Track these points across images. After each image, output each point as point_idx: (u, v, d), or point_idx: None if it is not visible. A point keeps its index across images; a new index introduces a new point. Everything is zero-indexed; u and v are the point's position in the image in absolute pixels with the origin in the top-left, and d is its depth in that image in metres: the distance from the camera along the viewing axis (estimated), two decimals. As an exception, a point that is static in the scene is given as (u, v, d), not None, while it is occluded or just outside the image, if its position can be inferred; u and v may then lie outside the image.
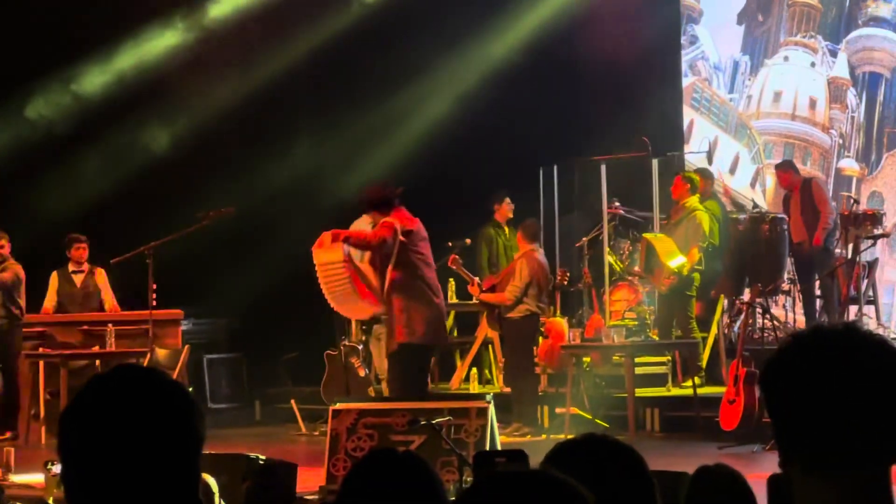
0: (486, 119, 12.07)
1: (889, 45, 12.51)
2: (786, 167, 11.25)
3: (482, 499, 1.51)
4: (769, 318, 9.86)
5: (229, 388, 11.76)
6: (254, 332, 11.89)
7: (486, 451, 6.18)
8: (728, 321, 10.91)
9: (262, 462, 5.79)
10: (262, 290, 11.64)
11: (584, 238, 11.12)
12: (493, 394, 7.28)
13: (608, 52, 11.65)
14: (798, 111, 12.95)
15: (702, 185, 10.45)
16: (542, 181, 11.75)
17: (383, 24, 12.31)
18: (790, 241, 10.71)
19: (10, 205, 11.35)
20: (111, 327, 10.01)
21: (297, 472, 6.03)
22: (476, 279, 10.33)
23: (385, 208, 8.01)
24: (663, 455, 7.35)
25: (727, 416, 8.70)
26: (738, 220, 10.87)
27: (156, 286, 9.68)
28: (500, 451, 6.19)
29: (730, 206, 11.96)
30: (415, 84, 12.41)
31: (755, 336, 9.99)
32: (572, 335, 9.72)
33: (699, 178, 10.47)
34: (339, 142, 12.63)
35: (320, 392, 10.31)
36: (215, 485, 4.54)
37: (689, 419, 9.31)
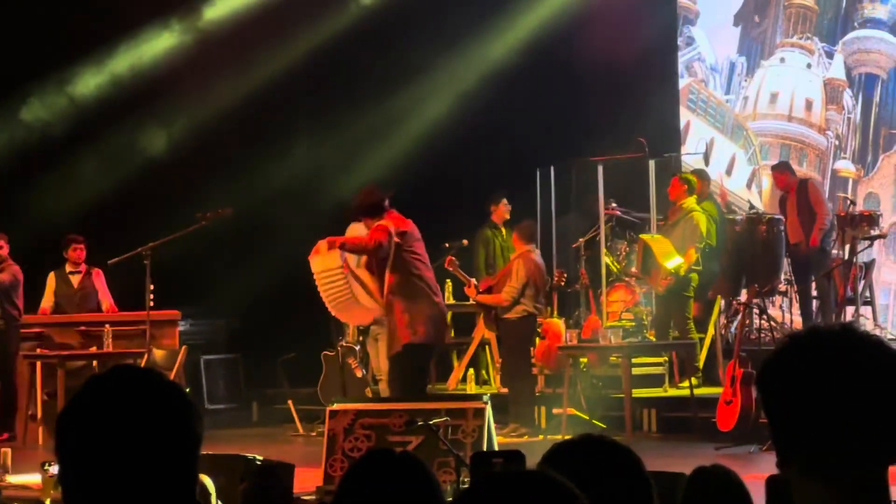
0: (484, 120, 12.07)
1: (885, 46, 12.51)
2: (782, 168, 11.26)
3: (480, 500, 1.51)
4: (766, 318, 9.87)
5: (226, 388, 11.75)
6: (251, 333, 11.89)
7: (484, 451, 6.19)
8: (725, 322, 10.92)
9: (259, 463, 5.79)
10: (260, 291, 11.64)
11: (580, 239, 11.12)
12: (490, 394, 7.29)
13: (605, 54, 11.65)
14: (794, 112, 12.95)
15: (699, 186, 10.46)
16: (539, 182, 11.75)
17: (381, 25, 12.31)
18: (787, 242, 10.72)
19: (8, 206, 11.34)
20: (108, 328, 10.00)
21: (294, 472, 6.03)
22: (473, 280, 10.33)
23: (376, 212, 8.05)
24: (660, 456, 7.36)
25: (724, 417, 8.71)
26: (735, 221, 10.87)
27: (153, 287, 9.68)
28: (497, 451, 6.20)
29: (725, 208, 11.96)
30: (412, 85, 12.42)
31: (752, 337, 10.00)
32: (569, 336, 9.72)
33: (696, 180, 10.47)
34: (336, 142, 12.63)
35: (317, 393, 10.32)
36: (212, 486, 4.54)
37: (686, 420, 9.31)
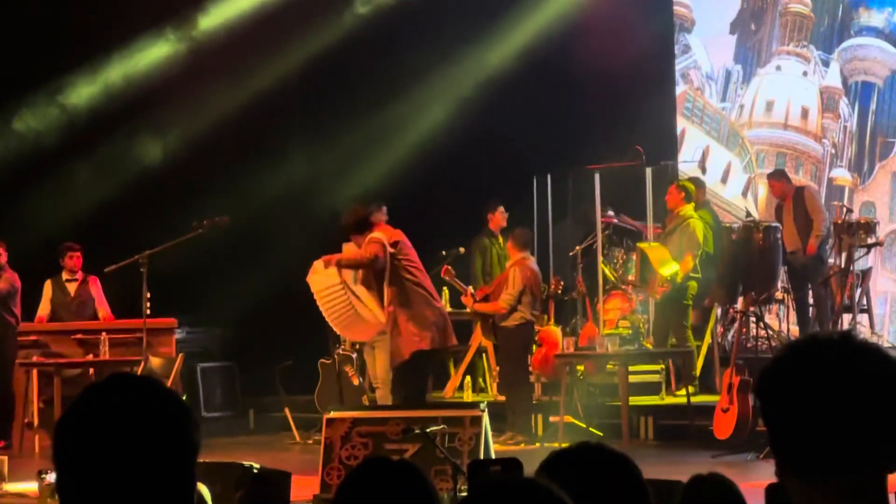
0: (480, 128, 12.07)
1: (881, 54, 12.53)
2: (778, 176, 11.27)
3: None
4: (763, 326, 9.87)
5: (223, 396, 11.73)
6: (247, 341, 11.87)
7: (482, 459, 6.18)
8: (722, 330, 10.92)
9: (255, 471, 5.78)
10: (256, 299, 11.62)
11: (577, 247, 11.13)
12: (487, 402, 7.29)
13: (602, 61, 11.66)
14: (790, 120, 12.96)
15: (696, 193, 10.47)
16: (536, 190, 11.76)
17: (377, 33, 12.32)
18: (783, 250, 10.72)
19: (5, 215, 11.33)
20: (105, 336, 9.99)
21: (290, 480, 6.03)
22: (469, 289, 10.33)
23: (364, 228, 8.16)
24: (657, 463, 7.35)
25: (721, 425, 8.70)
26: (731, 229, 10.88)
27: (150, 295, 9.67)
28: (494, 459, 6.19)
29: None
30: (408, 93, 12.42)
31: (749, 345, 10.00)
32: (566, 344, 9.72)
33: (693, 187, 10.48)
34: (332, 151, 12.63)
35: (314, 400, 10.31)
36: (208, 494, 4.52)
37: (683, 428, 9.31)
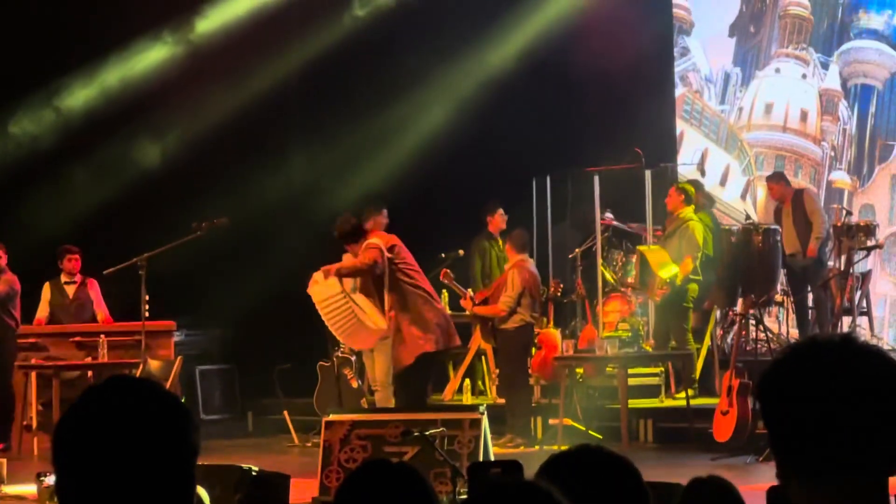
0: (480, 130, 12.07)
1: (881, 57, 12.52)
2: (777, 179, 11.25)
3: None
4: (762, 329, 9.87)
5: (222, 399, 11.73)
6: (246, 344, 11.86)
7: (482, 461, 6.18)
8: (721, 332, 10.91)
9: (254, 473, 5.78)
10: (255, 302, 11.62)
11: (577, 249, 11.12)
12: (486, 405, 7.28)
13: (602, 63, 11.66)
14: (789, 123, 12.95)
15: (695, 196, 10.46)
16: (535, 192, 11.76)
17: (376, 36, 12.32)
18: (783, 253, 10.72)
19: (4, 217, 11.32)
20: (104, 338, 9.98)
21: (289, 483, 6.02)
22: (469, 292, 10.32)
23: (357, 236, 8.22)
24: (656, 466, 7.35)
25: (720, 428, 8.70)
26: (731, 232, 10.87)
27: (148, 297, 9.67)
28: (495, 461, 6.19)
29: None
30: (408, 96, 12.41)
31: (748, 347, 9.99)
32: (565, 346, 9.72)
33: (693, 190, 10.48)
34: (332, 154, 12.63)
35: (313, 403, 10.29)
36: (207, 497, 4.52)
37: (683, 430, 9.30)
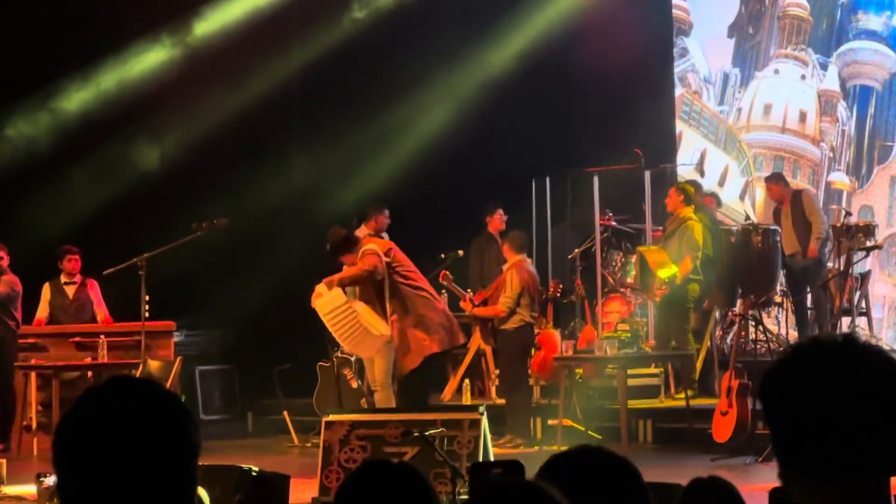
0: (479, 131, 12.08)
1: (880, 57, 12.52)
2: (776, 179, 11.25)
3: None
4: (762, 330, 9.87)
5: (221, 399, 11.72)
6: (246, 344, 11.87)
7: (484, 462, 6.18)
8: (721, 333, 10.91)
9: (254, 474, 5.78)
10: (255, 302, 11.62)
11: (576, 250, 11.12)
12: (486, 405, 7.28)
13: (601, 65, 11.67)
14: (788, 124, 12.95)
15: (694, 196, 10.46)
16: (535, 193, 11.76)
17: (375, 38, 12.32)
18: (782, 253, 10.72)
19: (4, 218, 11.32)
20: (103, 339, 9.98)
21: (289, 483, 6.02)
22: (468, 294, 10.31)
23: (351, 246, 8.28)
24: (656, 467, 7.35)
25: (720, 428, 8.70)
26: (730, 232, 10.87)
27: (148, 298, 9.67)
28: (496, 461, 6.19)
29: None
30: (408, 97, 12.42)
31: (748, 348, 9.99)
32: (565, 347, 9.72)
33: (693, 190, 10.48)
34: (331, 155, 12.63)
35: (313, 403, 10.29)
36: (207, 497, 4.52)
37: (682, 431, 9.30)
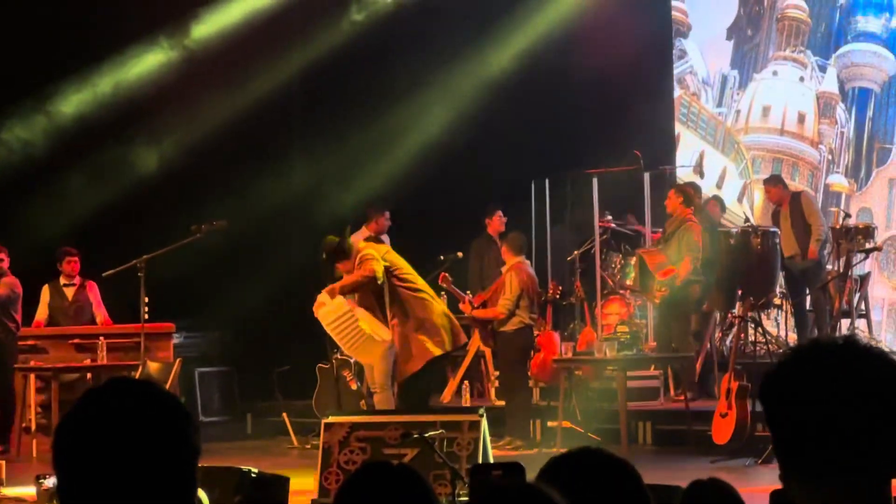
0: (479, 132, 12.08)
1: (879, 60, 12.53)
2: (774, 181, 11.25)
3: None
4: (761, 332, 9.87)
5: (221, 401, 11.72)
6: (245, 346, 11.87)
7: (484, 463, 6.18)
8: (720, 335, 10.90)
9: (253, 475, 5.78)
10: (254, 304, 11.63)
11: (575, 252, 11.12)
12: (485, 407, 7.28)
13: (600, 66, 11.68)
14: (787, 126, 12.95)
15: (694, 198, 10.47)
16: (534, 194, 11.77)
17: (375, 41, 12.33)
18: (782, 255, 10.72)
19: (3, 221, 11.32)
20: (103, 340, 9.98)
21: (288, 485, 6.02)
22: (468, 296, 10.31)
23: (346, 252, 8.40)
24: (655, 469, 7.35)
25: (719, 430, 8.70)
26: (729, 234, 10.87)
27: (148, 299, 9.66)
28: (497, 464, 6.19)
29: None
30: (407, 99, 12.42)
31: (747, 350, 9.99)
32: (564, 349, 9.72)
33: (692, 192, 10.48)
34: (331, 157, 12.63)
35: (312, 405, 10.29)
36: (207, 499, 4.52)
37: (682, 433, 9.30)
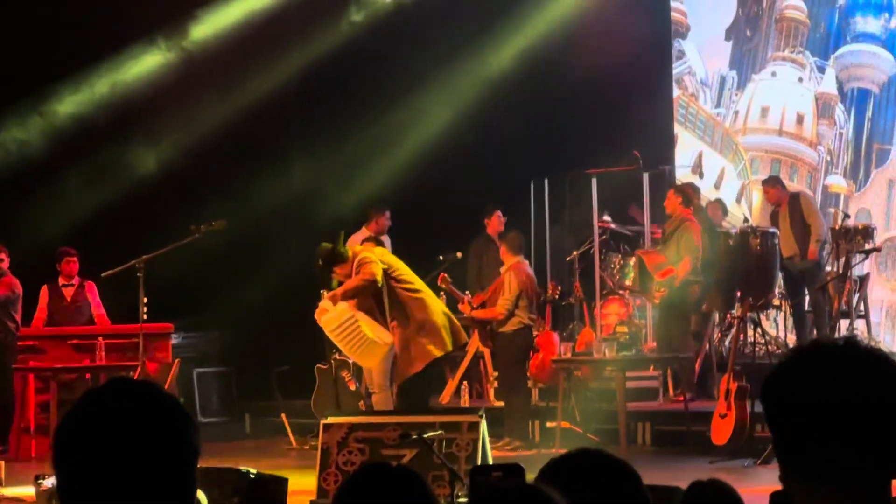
0: (478, 133, 12.09)
1: (878, 60, 12.53)
2: (773, 182, 11.24)
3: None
4: (760, 332, 9.87)
5: (219, 401, 11.73)
6: (244, 346, 11.87)
7: (484, 464, 6.17)
8: (719, 335, 10.90)
9: (252, 476, 5.78)
10: (253, 304, 11.62)
11: (574, 252, 11.12)
12: (484, 408, 7.27)
13: (599, 66, 11.68)
14: (785, 127, 12.95)
15: (693, 198, 10.47)
16: (533, 194, 11.77)
17: (374, 41, 12.33)
18: (781, 256, 10.71)
19: (3, 222, 11.31)
20: (101, 340, 9.98)
21: (287, 486, 6.02)
22: (467, 296, 10.31)
23: (342, 258, 8.38)
24: (654, 469, 7.34)
25: (718, 431, 8.70)
26: (728, 235, 10.87)
27: (146, 300, 9.65)
28: (497, 465, 6.19)
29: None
30: (406, 100, 12.42)
31: (746, 351, 10.00)
32: (563, 349, 9.71)
33: (692, 192, 10.48)
34: (330, 158, 12.63)
35: (311, 406, 10.29)
36: (205, 499, 4.52)
37: (681, 433, 9.30)
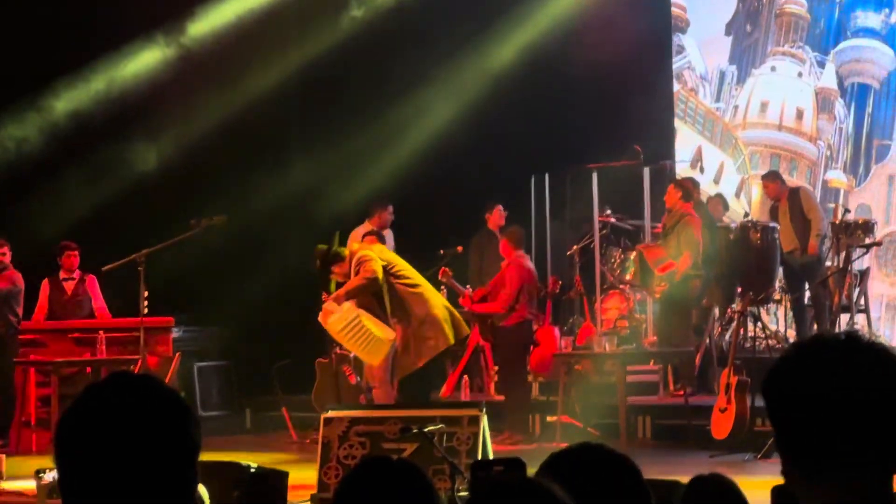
0: (479, 127, 12.08)
1: (878, 56, 12.51)
2: (772, 177, 11.23)
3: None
4: (761, 327, 9.87)
5: (220, 395, 11.73)
6: (245, 340, 11.87)
7: (485, 458, 6.18)
8: (719, 330, 10.91)
9: (253, 470, 5.78)
10: (253, 298, 11.63)
11: (575, 246, 11.13)
12: (484, 402, 7.28)
13: (600, 61, 11.67)
14: (785, 121, 12.94)
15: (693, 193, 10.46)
16: (534, 189, 11.77)
17: (375, 37, 12.31)
18: (781, 250, 10.71)
19: (4, 216, 11.31)
20: (102, 334, 9.98)
21: (288, 480, 6.03)
22: (468, 290, 10.31)
23: (338, 258, 8.46)
24: (655, 463, 7.34)
25: (719, 425, 8.71)
26: (729, 229, 10.87)
27: (147, 294, 9.66)
28: (498, 459, 6.19)
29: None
30: (407, 96, 12.41)
31: (746, 345, 10.00)
32: (564, 343, 9.72)
33: (692, 187, 10.48)
34: (331, 154, 12.62)
35: (311, 400, 10.30)
36: (206, 493, 4.52)
37: (681, 427, 9.31)
